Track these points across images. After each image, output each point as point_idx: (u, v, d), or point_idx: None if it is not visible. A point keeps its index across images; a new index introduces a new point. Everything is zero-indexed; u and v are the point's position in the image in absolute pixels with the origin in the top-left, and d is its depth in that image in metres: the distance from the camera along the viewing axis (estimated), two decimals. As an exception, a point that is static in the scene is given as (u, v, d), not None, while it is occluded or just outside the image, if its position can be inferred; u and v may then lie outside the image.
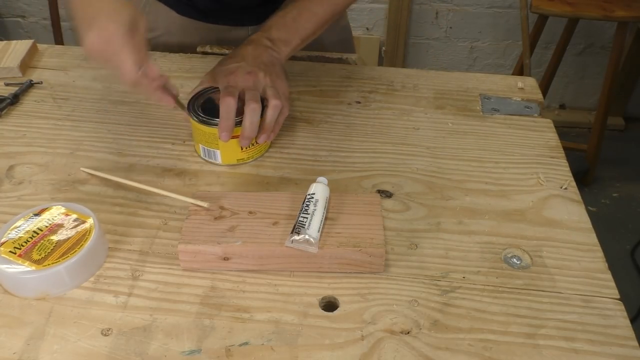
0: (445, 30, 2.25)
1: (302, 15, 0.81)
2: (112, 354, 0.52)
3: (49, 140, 0.78)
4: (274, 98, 0.71)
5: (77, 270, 0.57)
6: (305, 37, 0.82)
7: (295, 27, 0.81)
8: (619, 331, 0.54)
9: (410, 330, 0.54)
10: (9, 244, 0.58)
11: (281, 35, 0.80)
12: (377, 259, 0.58)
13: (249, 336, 0.53)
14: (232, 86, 0.72)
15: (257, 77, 0.74)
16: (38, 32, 2.36)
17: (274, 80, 0.75)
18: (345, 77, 0.92)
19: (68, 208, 0.62)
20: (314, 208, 0.60)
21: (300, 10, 0.82)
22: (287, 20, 0.81)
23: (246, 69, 0.74)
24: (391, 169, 0.74)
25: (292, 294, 0.58)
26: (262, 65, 0.75)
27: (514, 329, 0.54)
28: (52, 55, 0.97)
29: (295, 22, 0.81)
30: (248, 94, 0.70)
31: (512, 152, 0.77)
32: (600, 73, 2.22)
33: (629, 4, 1.79)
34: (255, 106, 0.69)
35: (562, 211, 0.68)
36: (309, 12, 0.82)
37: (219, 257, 0.59)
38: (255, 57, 0.76)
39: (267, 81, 0.74)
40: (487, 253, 0.62)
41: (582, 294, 0.58)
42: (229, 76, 0.74)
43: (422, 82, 0.91)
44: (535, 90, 0.90)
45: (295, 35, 0.81)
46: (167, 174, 0.72)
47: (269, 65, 0.76)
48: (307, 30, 0.81)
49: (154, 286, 0.58)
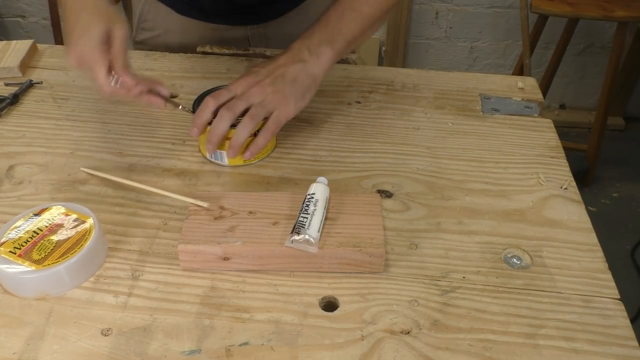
0: (445, 30, 2.25)
1: (346, 14, 0.74)
2: (112, 354, 0.52)
3: (49, 140, 0.78)
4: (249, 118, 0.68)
5: (77, 270, 0.57)
6: (351, 38, 0.75)
7: (339, 28, 0.74)
8: (619, 331, 0.54)
9: (410, 330, 0.54)
10: (9, 244, 0.58)
11: (323, 38, 0.73)
12: (377, 259, 0.58)
13: (249, 336, 0.53)
14: (228, 90, 0.70)
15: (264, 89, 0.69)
16: (38, 32, 2.36)
17: (279, 100, 0.69)
18: (345, 77, 0.92)
19: (68, 208, 0.62)
20: (314, 208, 0.60)
21: (344, 10, 0.75)
22: (329, 21, 0.74)
23: (257, 79, 0.71)
24: (391, 169, 0.74)
25: (292, 294, 0.58)
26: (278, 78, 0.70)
27: (514, 329, 0.54)
28: (52, 55, 0.97)
29: (339, 23, 0.74)
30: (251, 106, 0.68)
31: (512, 152, 0.77)
32: (600, 73, 2.22)
33: (629, 4, 1.79)
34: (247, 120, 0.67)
35: (562, 211, 0.68)
36: (353, 11, 0.75)
37: (219, 257, 0.59)
38: (283, 73, 0.71)
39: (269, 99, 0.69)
40: (487, 253, 0.62)
41: (582, 294, 0.58)
42: (239, 81, 0.71)
43: (422, 82, 0.91)
44: (535, 90, 0.90)
45: (339, 36, 0.74)
46: (167, 174, 0.72)
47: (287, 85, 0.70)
48: (352, 31, 0.74)
49: (154, 286, 0.58)
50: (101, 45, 0.64)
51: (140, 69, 0.92)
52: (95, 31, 0.64)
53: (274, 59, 0.73)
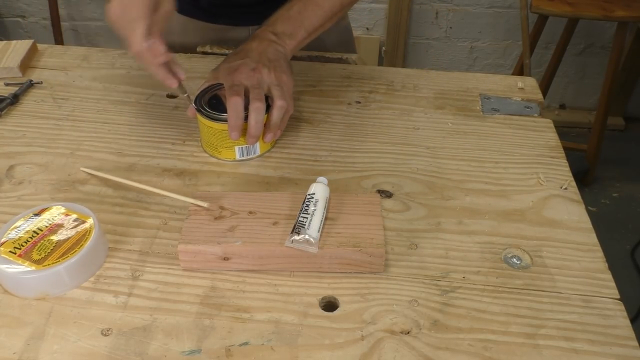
0: (445, 30, 2.25)
1: (308, 7, 0.80)
2: (112, 354, 0.52)
3: (49, 140, 0.78)
4: (279, 99, 0.71)
5: (77, 270, 0.57)
6: (311, 30, 0.80)
7: (300, 19, 0.79)
8: (619, 331, 0.54)
9: (410, 330, 0.54)
10: (9, 244, 0.58)
11: (286, 28, 0.78)
12: (377, 259, 0.58)
13: (249, 336, 0.53)
14: (236, 84, 0.71)
15: (261, 73, 0.73)
16: (38, 32, 2.36)
17: (278, 76, 0.74)
18: (345, 77, 0.92)
19: (68, 208, 0.62)
20: (314, 208, 0.60)
21: (306, 3, 0.80)
22: (292, 13, 0.80)
23: (250, 66, 0.74)
24: (391, 169, 0.74)
25: (292, 294, 0.58)
26: (266, 61, 0.75)
27: (514, 329, 0.54)
28: (52, 55, 0.97)
29: (301, 15, 0.79)
30: (253, 92, 0.70)
31: (512, 152, 0.77)
32: (600, 73, 2.22)
33: (629, 4, 1.79)
34: (260, 105, 0.69)
35: (562, 211, 0.68)
36: (315, 5, 0.80)
37: (219, 257, 0.59)
38: (260, 52, 0.75)
39: (271, 78, 0.73)
40: (487, 253, 0.62)
41: (582, 294, 0.58)
42: (233, 74, 0.73)
43: (422, 82, 0.91)
44: (535, 90, 0.90)
45: (300, 29, 0.79)
46: (167, 174, 0.72)
47: (273, 61, 0.75)
48: (313, 23, 0.80)
49: (154, 286, 0.58)
50: (149, 4, 0.63)
51: (140, 68, 0.92)
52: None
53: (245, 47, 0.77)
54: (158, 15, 0.65)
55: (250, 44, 0.77)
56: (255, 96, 0.70)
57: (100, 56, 0.97)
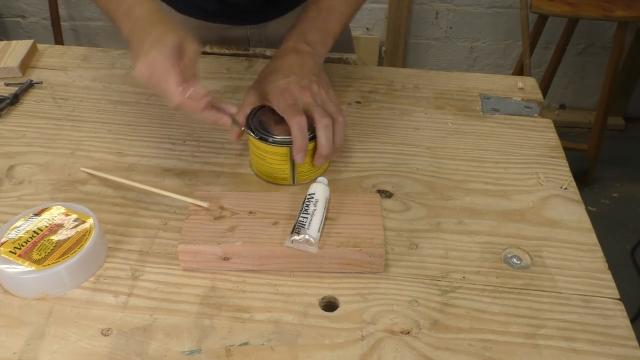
0: (445, 30, 2.25)
1: (331, 16, 0.80)
2: (112, 354, 0.52)
3: (49, 140, 0.78)
4: (339, 115, 0.69)
5: (77, 270, 0.57)
6: (335, 37, 0.80)
7: (327, 27, 0.79)
8: (619, 331, 0.54)
9: (410, 330, 0.54)
10: (9, 244, 0.58)
11: (317, 37, 0.78)
12: (377, 259, 0.58)
13: (249, 336, 0.53)
14: (293, 104, 0.68)
15: (312, 91, 0.70)
16: (38, 32, 2.36)
17: (327, 91, 0.72)
18: (345, 77, 0.92)
19: (68, 208, 0.62)
20: (314, 208, 0.60)
21: (328, 11, 0.80)
22: (318, 21, 0.79)
23: (299, 84, 0.70)
24: (391, 169, 0.74)
25: (292, 294, 0.58)
26: (312, 76, 0.72)
27: (514, 329, 0.55)
28: (52, 55, 0.97)
29: (326, 23, 0.79)
30: (316, 110, 0.68)
31: (512, 152, 0.77)
32: (600, 73, 2.22)
33: (629, 4, 1.79)
34: (328, 122, 0.67)
35: (562, 211, 0.68)
36: (337, 13, 0.80)
37: (219, 257, 0.59)
38: (302, 67, 0.73)
39: (322, 94, 0.71)
40: (487, 253, 0.62)
41: (582, 294, 0.58)
42: (284, 94, 0.69)
43: (422, 82, 0.91)
44: (535, 90, 0.90)
45: (328, 36, 0.79)
46: (167, 174, 0.72)
47: (317, 75, 0.73)
48: (336, 30, 0.80)
49: (154, 286, 0.58)
50: (174, 54, 0.63)
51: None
52: (170, 42, 0.63)
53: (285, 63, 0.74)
54: (186, 60, 0.64)
55: (288, 58, 0.74)
56: (320, 114, 0.67)
57: (100, 56, 0.97)
